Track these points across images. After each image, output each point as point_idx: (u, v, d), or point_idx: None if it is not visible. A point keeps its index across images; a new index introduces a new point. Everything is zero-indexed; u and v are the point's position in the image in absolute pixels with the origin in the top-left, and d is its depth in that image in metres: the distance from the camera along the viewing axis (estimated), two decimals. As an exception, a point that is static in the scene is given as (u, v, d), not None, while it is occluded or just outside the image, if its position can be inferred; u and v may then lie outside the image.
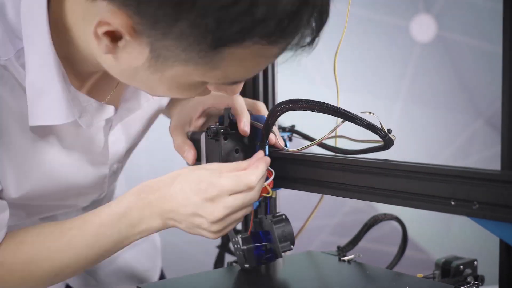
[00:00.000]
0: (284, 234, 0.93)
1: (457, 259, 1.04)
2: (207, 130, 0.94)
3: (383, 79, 1.98)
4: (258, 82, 1.08)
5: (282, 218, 0.95)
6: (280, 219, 0.95)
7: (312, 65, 1.92)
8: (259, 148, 0.92)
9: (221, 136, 0.93)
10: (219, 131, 0.93)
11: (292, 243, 0.93)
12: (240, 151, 0.95)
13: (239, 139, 0.94)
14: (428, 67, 1.98)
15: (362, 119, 0.80)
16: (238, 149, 0.95)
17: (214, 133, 0.93)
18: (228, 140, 0.94)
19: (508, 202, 0.66)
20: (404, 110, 1.97)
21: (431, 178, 0.73)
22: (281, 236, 0.93)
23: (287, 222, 0.95)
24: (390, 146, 0.81)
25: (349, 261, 1.02)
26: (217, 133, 0.93)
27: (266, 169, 0.89)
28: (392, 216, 1.08)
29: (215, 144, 0.94)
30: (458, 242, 1.97)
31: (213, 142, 0.94)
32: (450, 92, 1.99)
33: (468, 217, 0.71)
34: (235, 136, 0.94)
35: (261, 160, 0.89)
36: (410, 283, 0.90)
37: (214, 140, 0.94)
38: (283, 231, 0.94)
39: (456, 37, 1.96)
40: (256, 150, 0.93)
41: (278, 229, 0.93)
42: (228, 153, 0.94)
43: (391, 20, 1.94)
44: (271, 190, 0.89)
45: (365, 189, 0.82)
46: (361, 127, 0.80)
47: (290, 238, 0.93)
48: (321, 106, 0.82)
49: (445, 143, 2.00)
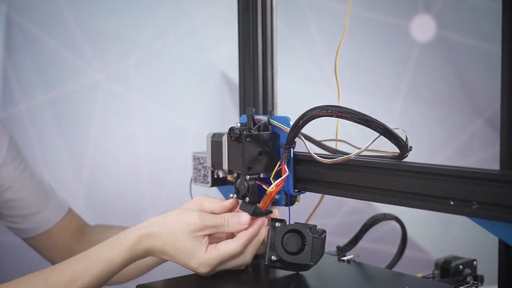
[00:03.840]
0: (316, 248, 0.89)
1: (457, 259, 1.04)
2: (230, 131, 0.91)
3: (383, 78, 1.98)
4: (257, 82, 1.08)
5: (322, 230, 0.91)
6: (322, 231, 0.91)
7: (312, 65, 1.91)
8: (284, 150, 0.89)
9: (245, 138, 0.90)
10: (242, 133, 0.90)
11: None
12: (264, 153, 0.92)
13: (263, 141, 0.91)
14: (428, 67, 1.98)
15: (396, 135, 0.79)
16: (261, 151, 0.91)
17: (237, 134, 0.90)
18: (252, 142, 0.91)
19: (507, 202, 0.66)
20: (403, 109, 1.97)
21: (431, 178, 0.73)
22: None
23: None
24: (402, 160, 0.82)
25: (349, 261, 1.02)
26: (241, 135, 0.90)
27: (249, 234, 0.91)
28: (391, 216, 1.08)
29: (238, 146, 0.91)
30: (458, 242, 1.97)
31: (236, 144, 0.91)
32: (450, 92, 1.99)
33: (467, 217, 0.71)
34: (259, 138, 0.91)
35: (257, 224, 0.93)
36: (409, 283, 0.90)
37: (237, 142, 0.91)
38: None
39: (456, 37, 1.96)
40: (280, 153, 0.91)
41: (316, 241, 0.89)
42: (252, 156, 0.91)
43: (390, 20, 1.94)
44: (274, 188, 0.87)
45: (365, 189, 0.82)
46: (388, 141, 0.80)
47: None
48: (353, 114, 0.79)
49: (445, 142, 2.00)
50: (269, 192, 0.89)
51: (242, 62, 1.08)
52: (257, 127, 0.92)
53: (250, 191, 0.93)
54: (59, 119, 1.72)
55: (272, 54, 1.06)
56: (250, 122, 0.92)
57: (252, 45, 1.05)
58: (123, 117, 1.78)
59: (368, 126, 0.79)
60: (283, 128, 0.91)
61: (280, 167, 0.89)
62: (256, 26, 1.04)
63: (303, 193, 0.94)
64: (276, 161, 0.91)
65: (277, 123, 0.92)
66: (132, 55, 1.78)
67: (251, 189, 0.92)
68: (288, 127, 0.89)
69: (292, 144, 0.89)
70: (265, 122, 0.93)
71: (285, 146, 0.88)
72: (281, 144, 0.91)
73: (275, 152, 0.93)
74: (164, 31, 1.80)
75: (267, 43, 1.05)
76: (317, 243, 0.88)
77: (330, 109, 0.81)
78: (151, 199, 1.81)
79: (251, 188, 0.92)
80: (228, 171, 0.97)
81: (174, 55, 1.81)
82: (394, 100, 1.97)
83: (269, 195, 0.89)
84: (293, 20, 1.90)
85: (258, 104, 1.08)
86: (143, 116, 1.80)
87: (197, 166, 1.09)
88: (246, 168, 0.91)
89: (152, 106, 1.80)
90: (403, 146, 0.80)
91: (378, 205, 1.80)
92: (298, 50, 1.91)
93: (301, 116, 0.85)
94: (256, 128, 0.92)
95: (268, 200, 0.90)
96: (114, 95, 1.76)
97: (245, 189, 0.93)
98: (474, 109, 1.99)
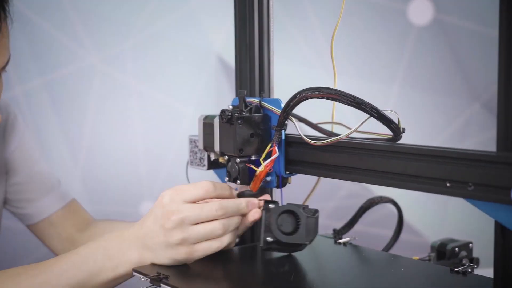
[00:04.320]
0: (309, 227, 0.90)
1: (453, 241, 1.04)
2: (221, 113, 0.91)
3: (380, 62, 1.97)
4: (254, 65, 1.07)
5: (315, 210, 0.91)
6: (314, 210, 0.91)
7: (308, 48, 1.91)
8: (275, 133, 0.89)
9: (236, 120, 0.90)
10: (234, 115, 0.90)
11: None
12: (255, 135, 0.92)
13: (255, 123, 0.91)
14: (425, 51, 1.97)
15: (387, 117, 0.79)
16: (253, 133, 0.92)
17: (229, 116, 0.90)
18: (243, 124, 0.91)
19: (503, 184, 0.66)
20: (400, 93, 1.96)
21: (427, 160, 0.73)
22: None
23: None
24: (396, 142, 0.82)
25: (345, 244, 1.02)
26: (232, 117, 0.90)
27: (235, 201, 0.91)
28: (388, 198, 1.08)
29: (229, 128, 0.91)
30: (454, 225, 1.98)
31: (228, 126, 0.91)
32: (447, 75, 1.99)
33: (464, 198, 0.71)
34: (251, 120, 0.91)
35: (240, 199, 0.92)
36: (405, 265, 0.91)
37: (228, 124, 0.91)
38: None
39: (453, 20, 1.95)
40: (272, 135, 0.91)
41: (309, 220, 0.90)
42: (243, 138, 0.91)
43: (388, 3, 1.93)
44: (263, 168, 0.88)
45: (358, 171, 0.82)
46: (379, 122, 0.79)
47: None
48: (344, 96, 0.79)
49: (442, 126, 2.00)
50: (258, 173, 0.89)
51: (238, 45, 1.07)
52: (249, 109, 0.92)
53: (241, 174, 0.93)
54: (55, 103, 1.72)
55: (268, 37, 1.05)
56: (241, 104, 0.92)
57: (249, 28, 1.05)
58: (120, 101, 1.78)
59: (359, 108, 0.79)
60: (274, 110, 0.91)
61: (270, 149, 0.89)
62: (252, 8, 1.03)
63: (294, 175, 0.95)
64: (268, 144, 0.91)
65: (269, 105, 0.92)
66: (128, 39, 1.77)
67: (242, 171, 0.93)
68: (280, 109, 0.90)
69: (283, 126, 0.89)
70: (256, 104, 0.94)
71: (276, 128, 0.89)
72: (273, 126, 0.91)
73: (266, 135, 0.93)
74: (161, 15, 1.79)
75: (264, 26, 1.05)
76: (311, 222, 0.89)
77: (320, 91, 0.81)
78: (147, 182, 1.81)
79: (242, 171, 0.93)
80: (219, 153, 0.98)
81: (171, 38, 1.80)
82: (391, 84, 1.97)
83: (259, 176, 0.90)
84: (291, 4, 1.89)
85: (254, 87, 1.07)
86: (140, 100, 1.79)
87: (193, 149, 1.09)
88: (238, 150, 0.91)
89: (148, 89, 1.80)
90: (395, 128, 0.80)
91: (375, 189, 1.81)
92: (296, 35, 1.91)
93: (291, 98, 0.85)
94: (247, 111, 0.92)
95: (258, 182, 0.90)
96: (110, 78, 1.76)
97: (236, 171, 0.93)
98: (471, 92, 1.99)
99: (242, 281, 0.87)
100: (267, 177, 0.93)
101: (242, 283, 0.87)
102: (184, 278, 0.85)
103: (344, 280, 0.86)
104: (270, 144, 0.90)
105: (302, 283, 0.85)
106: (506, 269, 0.70)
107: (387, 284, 0.83)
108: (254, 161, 0.93)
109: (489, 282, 0.75)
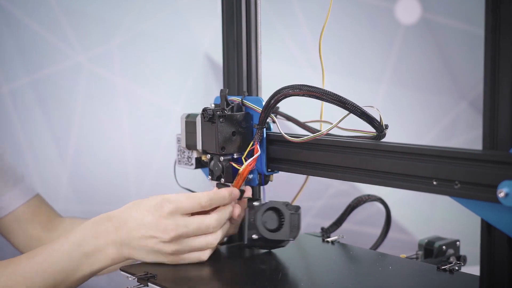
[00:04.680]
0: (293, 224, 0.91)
1: (440, 239, 1.05)
2: (203, 112, 0.91)
3: (368, 61, 1.98)
4: (241, 64, 1.07)
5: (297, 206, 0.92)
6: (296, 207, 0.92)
7: (296, 47, 1.91)
8: (256, 131, 0.90)
9: (218, 118, 0.90)
10: (215, 113, 0.90)
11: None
12: (237, 133, 0.92)
13: (237, 121, 0.92)
14: (412, 50, 1.98)
15: (365, 113, 0.79)
16: (235, 131, 0.92)
17: (211, 115, 0.90)
18: (225, 123, 0.91)
19: (489, 181, 0.66)
20: (388, 92, 1.97)
21: (413, 158, 0.74)
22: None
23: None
24: (381, 139, 0.82)
25: (333, 242, 1.02)
26: (214, 115, 0.90)
27: (226, 198, 0.90)
28: (375, 197, 1.09)
29: (211, 126, 0.92)
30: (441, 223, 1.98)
31: (209, 124, 0.92)
32: (434, 74, 2.00)
33: (450, 196, 0.71)
34: (232, 118, 0.92)
35: (222, 190, 0.90)
36: (393, 263, 0.91)
37: (210, 123, 0.91)
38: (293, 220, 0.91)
39: (440, 19, 1.96)
40: (253, 133, 0.91)
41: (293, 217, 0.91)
42: (225, 136, 0.91)
43: (375, 2, 1.94)
44: (246, 166, 0.89)
45: (348, 170, 0.82)
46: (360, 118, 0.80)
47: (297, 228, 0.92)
48: (325, 94, 0.80)
49: (429, 125, 2.00)
50: (241, 172, 0.91)
51: (226, 44, 1.07)
52: (231, 107, 0.93)
53: (225, 172, 0.93)
54: (42, 101, 1.71)
55: (256, 36, 1.05)
56: (223, 102, 0.93)
57: (236, 26, 1.05)
58: (107, 100, 1.77)
59: (341, 106, 0.80)
60: (255, 108, 0.92)
61: (252, 147, 0.90)
62: (240, 7, 1.03)
63: (276, 173, 0.96)
64: (250, 142, 0.92)
65: (250, 103, 0.93)
66: (115, 38, 1.76)
67: (226, 169, 0.94)
68: (261, 107, 0.90)
69: (265, 124, 0.90)
70: (238, 102, 0.94)
71: (258, 126, 0.90)
72: (255, 124, 0.91)
73: (248, 133, 0.94)
74: (148, 14, 1.78)
75: (251, 25, 1.05)
76: (295, 219, 0.91)
77: (301, 88, 0.81)
78: (135, 182, 1.80)
79: (226, 169, 0.94)
80: (202, 151, 0.98)
81: (158, 37, 1.79)
82: (379, 82, 1.97)
83: (242, 175, 0.91)
84: (278, 2, 1.89)
85: (242, 86, 1.07)
86: (127, 99, 1.78)
87: (181, 148, 1.09)
88: (219, 148, 0.92)
89: (136, 88, 1.79)
90: (378, 125, 0.80)
91: (363, 187, 1.81)
92: (284, 33, 1.90)
93: (272, 95, 0.85)
94: (229, 109, 0.92)
95: (241, 180, 0.91)
96: (97, 77, 1.75)
97: (219, 170, 0.94)
98: (458, 91, 2.00)
99: (229, 279, 0.87)
100: (249, 175, 0.94)
101: (229, 281, 0.87)
102: (172, 277, 0.85)
103: (332, 278, 0.86)
104: (252, 143, 0.91)
105: (290, 281, 0.85)
106: (492, 267, 0.70)
107: (375, 282, 0.84)
108: (236, 159, 0.94)
109: (476, 280, 0.75)
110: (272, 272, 0.89)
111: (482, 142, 0.69)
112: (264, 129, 0.91)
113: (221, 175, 0.94)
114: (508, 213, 0.66)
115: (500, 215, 0.67)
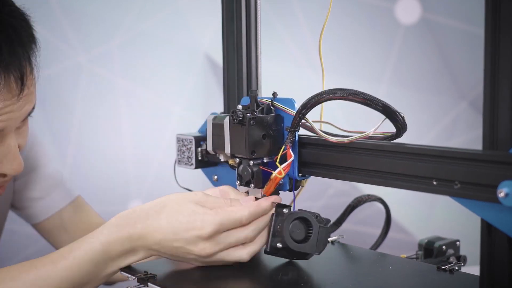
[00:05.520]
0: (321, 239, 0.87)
1: (440, 239, 1.04)
2: (233, 113, 0.87)
3: (368, 61, 1.98)
4: (241, 63, 1.07)
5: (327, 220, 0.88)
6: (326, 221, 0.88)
7: (296, 47, 1.91)
8: (288, 134, 0.85)
9: (248, 121, 0.86)
10: (245, 115, 0.86)
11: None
12: (267, 136, 0.88)
13: (267, 124, 0.87)
14: (412, 50, 1.98)
15: (401, 116, 0.80)
16: (265, 134, 0.87)
17: (240, 117, 0.86)
18: (255, 125, 0.86)
19: (489, 181, 0.66)
20: (388, 91, 1.97)
21: (413, 158, 0.74)
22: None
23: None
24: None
25: (333, 242, 1.02)
26: (244, 117, 0.86)
27: (267, 211, 0.87)
28: (375, 197, 1.08)
29: (240, 129, 0.87)
30: (441, 223, 1.98)
31: (239, 127, 0.87)
32: (434, 74, 2.00)
33: (450, 196, 0.71)
34: (263, 121, 0.87)
35: (262, 202, 0.87)
36: (393, 263, 0.91)
37: (240, 125, 0.87)
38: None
39: (440, 19, 1.96)
40: (285, 136, 0.88)
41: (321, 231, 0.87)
42: (255, 139, 0.87)
43: (375, 2, 1.94)
44: (282, 173, 0.84)
45: (348, 170, 0.82)
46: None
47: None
48: (370, 100, 0.78)
49: (429, 125, 2.00)
50: (274, 177, 0.85)
51: (226, 44, 1.07)
52: (260, 109, 0.88)
53: (255, 177, 0.89)
54: (42, 102, 1.70)
55: (256, 36, 1.05)
56: (253, 104, 0.88)
57: (236, 26, 1.05)
58: (107, 100, 1.77)
59: (384, 114, 0.79)
60: (287, 110, 0.88)
61: (284, 151, 0.85)
62: (240, 7, 1.03)
63: (308, 178, 0.91)
64: (280, 145, 0.88)
65: (281, 105, 0.88)
66: (115, 38, 1.76)
67: (256, 174, 0.89)
68: (293, 109, 0.87)
69: (298, 127, 0.85)
70: (268, 104, 0.90)
71: (290, 129, 0.85)
72: (286, 127, 0.87)
73: (279, 136, 0.89)
74: (148, 13, 1.78)
75: (251, 24, 1.04)
76: (323, 232, 0.87)
77: (337, 93, 0.80)
78: (135, 181, 1.80)
79: (256, 174, 0.89)
80: (230, 155, 0.93)
81: (159, 37, 1.80)
82: (379, 82, 1.97)
83: (274, 180, 0.86)
84: (278, 2, 1.89)
85: (242, 86, 1.07)
86: (127, 99, 1.79)
87: (181, 148, 1.08)
88: (250, 152, 0.87)
89: (136, 88, 1.79)
90: (401, 127, 0.81)
91: (363, 187, 1.81)
92: (284, 33, 1.91)
93: (309, 98, 0.82)
94: (259, 111, 0.88)
95: (273, 186, 0.87)
96: (98, 77, 1.75)
97: (249, 175, 0.89)
98: (459, 91, 2.00)
99: (228, 279, 0.87)
100: (280, 180, 0.88)
101: (229, 281, 0.86)
102: (172, 277, 0.85)
103: (332, 278, 0.86)
104: (283, 146, 0.86)
105: (289, 281, 0.85)
106: (492, 267, 0.70)
107: (375, 282, 0.84)
108: (267, 164, 0.89)
109: (476, 280, 0.75)
110: (272, 272, 0.88)
111: (482, 142, 0.69)
112: (296, 132, 0.86)
113: (250, 180, 0.90)
114: (508, 213, 0.66)
115: (500, 215, 0.67)
